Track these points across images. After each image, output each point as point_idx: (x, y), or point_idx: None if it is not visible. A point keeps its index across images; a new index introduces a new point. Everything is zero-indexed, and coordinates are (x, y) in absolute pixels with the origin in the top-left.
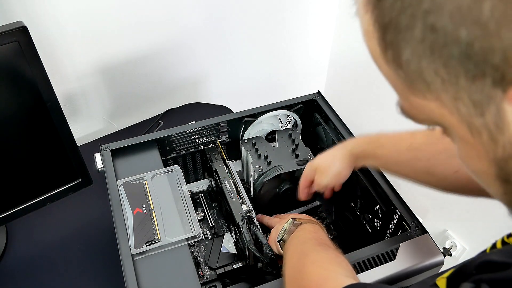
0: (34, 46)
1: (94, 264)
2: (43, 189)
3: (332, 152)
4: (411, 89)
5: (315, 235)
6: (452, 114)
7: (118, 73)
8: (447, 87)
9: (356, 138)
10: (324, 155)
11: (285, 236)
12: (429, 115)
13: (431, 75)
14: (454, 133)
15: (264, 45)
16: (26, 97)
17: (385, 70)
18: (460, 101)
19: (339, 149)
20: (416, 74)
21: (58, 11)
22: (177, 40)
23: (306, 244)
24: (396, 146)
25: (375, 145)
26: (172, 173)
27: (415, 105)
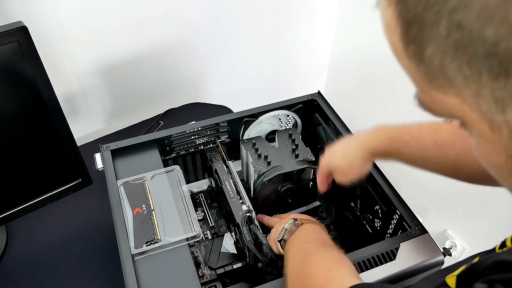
0: (34, 46)
1: (94, 264)
2: (43, 189)
3: (350, 151)
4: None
5: (316, 235)
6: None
7: (118, 73)
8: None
9: (375, 133)
10: (341, 155)
11: (286, 236)
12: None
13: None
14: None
15: (264, 45)
16: (26, 97)
17: (405, 65)
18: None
19: (358, 147)
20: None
21: (58, 11)
22: (177, 40)
23: (308, 244)
24: (421, 143)
25: (398, 143)
26: (172, 173)
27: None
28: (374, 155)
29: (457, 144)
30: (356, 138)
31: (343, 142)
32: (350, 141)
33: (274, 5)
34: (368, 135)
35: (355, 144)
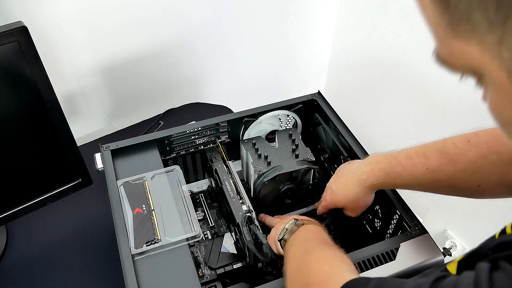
0: (34, 46)
1: (94, 264)
2: (43, 189)
3: (351, 191)
4: (455, 32)
5: (317, 235)
6: (493, 59)
7: (118, 73)
8: (493, 29)
9: (370, 168)
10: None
11: (286, 235)
12: (468, 61)
13: (479, 16)
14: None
15: (264, 45)
16: (26, 97)
17: (429, 12)
18: (505, 45)
19: (357, 186)
20: (464, 15)
21: (58, 11)
22: (177, 40)
23: (309, 243)
24: (413, 173)
25: (392, 175)
26: (172, 173)
27: (455, 50)
28: (373, 188)
29: (448, 166)
30: (352, 175)
31: (341, 181)
32: (348, 179)
33: (274, 5)
34: (363, 170)
35: (355, 183)
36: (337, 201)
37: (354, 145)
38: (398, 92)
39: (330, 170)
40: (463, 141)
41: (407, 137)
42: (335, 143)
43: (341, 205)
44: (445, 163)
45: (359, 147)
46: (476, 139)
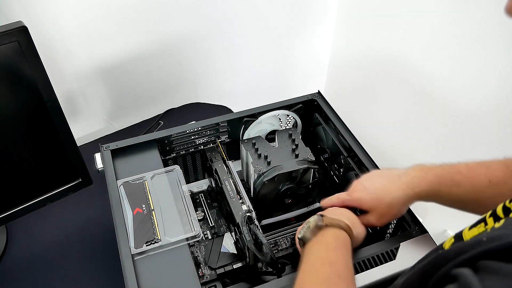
0: (34, 46)
1: (94, 264)
2: (43, 189)
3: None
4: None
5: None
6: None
7: (118, 73)
8: None
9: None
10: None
11: (307, 234)
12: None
13: None
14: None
15: (264, 45)
16: (26, 97)
17: None
18: None
19: (401, 189)
20: None
21: (58, 11)
22: (177, 40)
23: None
24: (475, 183)
25: (449, 184)
26: (172, 173)
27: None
28: (419, 197)
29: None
30: (398, 178)
31: (380, 181)
32: (391, 180)
33: (274, 5)
34: (413, 174)
35: (399, 186)
36: (367, 201)
37: (354, 145)
38: (398, 92)
39: (330, 170)
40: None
41: (407, 137)
42: (335, 143)
43: (368, 207)
44: (509, 176)
45: (359, 147)
46: None
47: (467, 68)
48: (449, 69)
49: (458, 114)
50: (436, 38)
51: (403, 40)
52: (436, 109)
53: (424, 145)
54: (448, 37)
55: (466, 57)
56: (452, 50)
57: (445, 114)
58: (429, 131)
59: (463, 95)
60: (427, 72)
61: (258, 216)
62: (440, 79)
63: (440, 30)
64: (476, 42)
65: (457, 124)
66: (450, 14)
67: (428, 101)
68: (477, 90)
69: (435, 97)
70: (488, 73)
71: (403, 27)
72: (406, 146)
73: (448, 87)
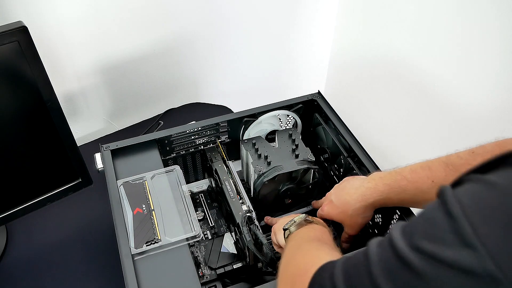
0: (34, 46)
1: (94, 264)
2: (43, 189)
3: (351, 208)
4: None
5: (319, 235)
6: None
7: (118, 73)
8: None
9: (373, 184)
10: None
11: (292, 227)
12: None
13: None
14: None
15: (264, 45)
16: (26, 97)
17: None
18: None
19: (358, 202)
20: None
21: (58, 11)
22: (177, 39)
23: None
24: (419, 187)
25: (397, 190)
26: (172, 173)
27: None
28: (374, 206)
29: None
30: (355, 191)
31: (342, 195)
32: (349, 193)
33: (274, 5)
34: (367, 186)
35: (355, 199)
36: (335, 215)
37: (354, 145)
38: (398, 92)
39: (330, 170)
40: (468, 153)
41: (407, 137)
42: (335, 143)
43: (339, 220)
44: (450, 174)
45: (359, 147)
46: (480, 149)
47: (468, 68)
48: (450, 69)
49: (458, 114)
50: (437, 38)
51: (404, 40)
52: (436, 109)
53: (424, 145)
54: (449, 37)
55: (467, 57)
56: (453, 50)
57: (446, 114)
58: (429, 131)
59: (464, 95)
60: (427, 72)
61: (258, 216)
62: (441, 79)
63: (441, 30)
64: (477, 42)
65: (458, 124)
66: (451, 14)
67: (429, 101)
68: (478, 90)
69: (435, 97)
70: (489, 73)
71: (404, 27)
72: (406, 146)
73: (449, 87)
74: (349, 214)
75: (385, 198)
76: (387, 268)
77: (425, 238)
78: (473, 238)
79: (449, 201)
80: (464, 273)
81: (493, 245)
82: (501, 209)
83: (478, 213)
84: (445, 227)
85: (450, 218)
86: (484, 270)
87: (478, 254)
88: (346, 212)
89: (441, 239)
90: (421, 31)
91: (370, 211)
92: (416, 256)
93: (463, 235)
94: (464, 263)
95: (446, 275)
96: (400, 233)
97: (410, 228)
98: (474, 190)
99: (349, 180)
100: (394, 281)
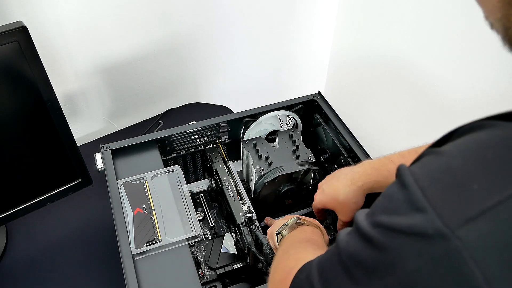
0: (34, 46)
1: (94, 264)
2: (43, 189)
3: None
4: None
5: (307, 235)
6: None
7: (118, 73)
8: None
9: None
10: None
11: (284, 231)
12: None
13: None
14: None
15: (264, 45)
16: (26, 97)
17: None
18: None
19: (347, 187)
20: None
21: (58, 11)
22: (177, 39)
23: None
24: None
25: (385, 174)
26: (172, 173)
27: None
28: (363, 190)
29: None
30: (344, 176)
31: (332, 182)
32: (339, 180)
33: (274, 5)
34: (355, 170)
35: (345, 183)
36: (326, 202)
37: (354, 146)
38: (398, 92)
39: (330, 171)
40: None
41: (407, 137)
42: (335, 144)
43: (331, 206)
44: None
45: (359, 148)
46: None
47: (467, 68)
48: (450, 69)
49: (459, 114)
50: (437, 38)
51: (404, 40)
52: (436, 109)
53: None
54: (449, 37)
55: (467, 57)
56: (452, 50)
57: (446, 113)
58: (429, 131)
59: (464, 96)
60: (427, 72)
61: (259, 217)
62: (441, 79)
63: (441, 30)
64: (477, 42)
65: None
66: (451, 14)
67: (429, 101)
68: (478, 90)
69: (435, 97)
70: (489, 73)
71: (404, 27)
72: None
73: (449, 87)
74: (340, 200)
75: (373, 181)
76: (355, 251)
77: (384, 213)
78: (423, 201)
79: (403, 174)
80: (419, 236)
81: (439, 204)
82: (445, 171)
83: (427, 179)
84: (399, 198)
85: (403, 188)
86: (435, 230)
87: (427, 215)
88: (336, 198)
89: (397, 210)
90: (421, 31)
91: (361, 196)
92: (376, 231)
93: (414, 201)
94: (417, 227)
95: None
96: (364, 215)
97: (372, 208)
98: (426, 161)
99: (340, 169)
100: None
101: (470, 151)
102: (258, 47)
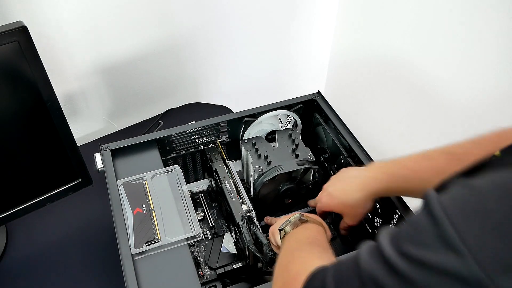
0: (34, 46)
1: (94, 264)
2: (43, 189)
3: (350, 197)
4: None
5: (314, 235)
6: None
7: (118, 73)
8: None
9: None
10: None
11: (288, 227)
12: None
13: None
14: None
15: (264, 45)
16: (26, 97)
17: None
18: None
19: (358, 192)
20: None
21: (58, 11)
22: (177, 39)
23: (302, 242)
24: (421, 176)
25: (398, 180)
26: (172, 173)
27: None
28: (375, 195)
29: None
30: (354, 180)
31: (341, 186)
32: (348, 183)
33: (274, 5)
34: (366, 175)
35: (356, 189)
36: (335, 206)
37: (354, 145)
38: (398, 92)
39: (330, 170)
40: (468, 142)
41: (407, 137)
42: (335, 143)
43: (338, 211)
44: (453, 164)
45: (359, 147)
46: (480, 139)
47: (467, 68)
48: (450, 69)
49: (459, 114)
50: (437, 38)
51: (404, 40)
52: (436, 109)
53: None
54: (449, 37)
55: (467, 57)
56: (452, 50)
57: (446, 114)
58: (429, 131)
59: (464, 95)
60: (427, 72)
61: (258, 216)
62: (441, 79)
63: (441, 30)
64: (477, 42)
65: (458, 124)
66: (451, 14)
67: (429, 101)
68: (478, 91)
69: (435, 97)
70: (489, 73)
71: (403, 27)
72: (407, 146)
73: (449, 87)
74: (350, 204)
75: (385, 187)
76: (378, 276)
77: (411, 243)
78: (457, 241)
79: (433, 205)
80: (451, 277)
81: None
82: (480, 210)
83: (460, 216)
84: (429, 232)
85: (434, 221)
86: (471, 274)
87: (463, 258)
88: (346, 202)
89: (427, 243)
90: (421, 31)
91: (371, 201)
92: (403, 261)
93: (447, 239)
94: (450, 268)
95: (434, 280)
96: (388, 240)
97: (397, 233)
98: (457, 194)
99: (347, 170)
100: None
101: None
102: (258, 47)
